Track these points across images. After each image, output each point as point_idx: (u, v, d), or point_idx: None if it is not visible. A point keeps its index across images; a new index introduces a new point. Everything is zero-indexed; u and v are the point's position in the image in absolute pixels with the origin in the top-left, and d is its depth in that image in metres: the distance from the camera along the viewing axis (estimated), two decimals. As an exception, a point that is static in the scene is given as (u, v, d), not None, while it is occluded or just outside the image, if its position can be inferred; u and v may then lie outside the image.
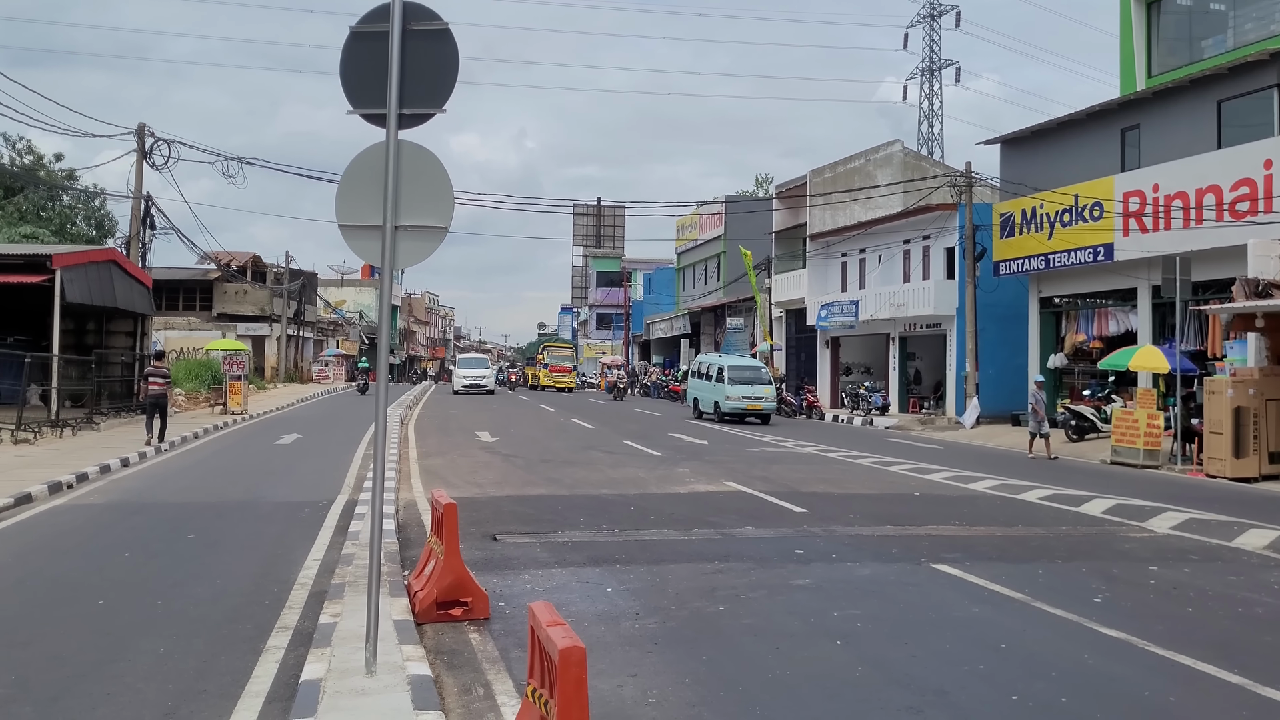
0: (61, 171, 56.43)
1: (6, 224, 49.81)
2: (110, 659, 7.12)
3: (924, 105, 78.55)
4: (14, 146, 55.11)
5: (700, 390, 36.89)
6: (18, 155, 54.79)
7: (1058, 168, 30.65)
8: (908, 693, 6.63)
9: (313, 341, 74.47)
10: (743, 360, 38.23)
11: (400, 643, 7.14)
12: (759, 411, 34.09)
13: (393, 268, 6.69)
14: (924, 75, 79.12)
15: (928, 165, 45.84)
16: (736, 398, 33.94)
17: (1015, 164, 33.20)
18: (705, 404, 36.10)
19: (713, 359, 37.59)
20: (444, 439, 25.25)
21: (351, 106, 6.75)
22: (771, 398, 34.75)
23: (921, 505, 15.28)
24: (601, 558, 10.80)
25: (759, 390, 34.29)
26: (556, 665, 4.34)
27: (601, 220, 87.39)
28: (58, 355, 24.95)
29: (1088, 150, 29.98)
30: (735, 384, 34.20)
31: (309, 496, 14.96)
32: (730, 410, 33.94)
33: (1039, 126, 32.39)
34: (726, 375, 34.46)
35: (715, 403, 34.83)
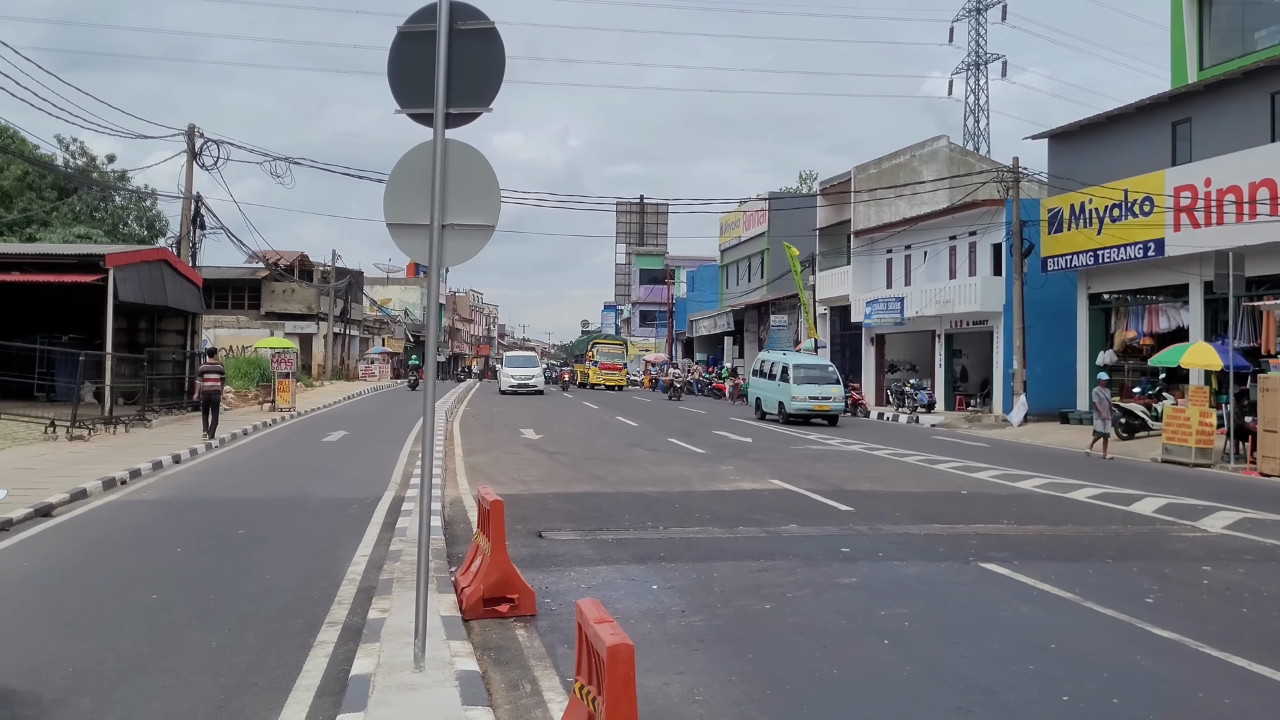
0: (114, 173, 57.36)
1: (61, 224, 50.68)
2: (164, 652, 7.23)
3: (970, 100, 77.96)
4: (68, 148, 56.07)
5: (763, 390, 34.95)
6: (71, 157, 55.74)
7: (1107, 162, 30.25)
8: (956, 693, 6.57)
9: (359, 339, 75.14)
10: (809, 358, 35.82)
11: (448, 638, 7.19)
12: (826, 413, 32.14)
13: (440, 266, 6.73)
14: (970, 70, 78.48)
15: (974, 161, 45.37)
16: (803, 398, 31.95)
17: (1063, 159, 32.80)
18: (769, 404, 34.13)
19: (777, 356, 35.39)
20: (489, 436, 25.38)
21: (399, 106, 6.80)
22: (840, 397, 32.68)
23: (969, 504, 15.15)
24: (647, 555, 10.81)
25: (827, 390, 32.26)
26: (605, 662, 4.35)
27: (645, 218, 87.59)
28: (111, 353, 25.36)
29: (1138, 144, 29.57)
30: (802, 383, 32.21)
31: (356, 493, 15.10)
32: (796, 411, 32.00)
33: (1087, 120, 31.98)
34: (792, 374, 32.43)
35: (780, 403, 32.90)
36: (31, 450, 19.06)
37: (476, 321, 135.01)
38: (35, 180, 52.99)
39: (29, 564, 10.12)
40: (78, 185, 53.41)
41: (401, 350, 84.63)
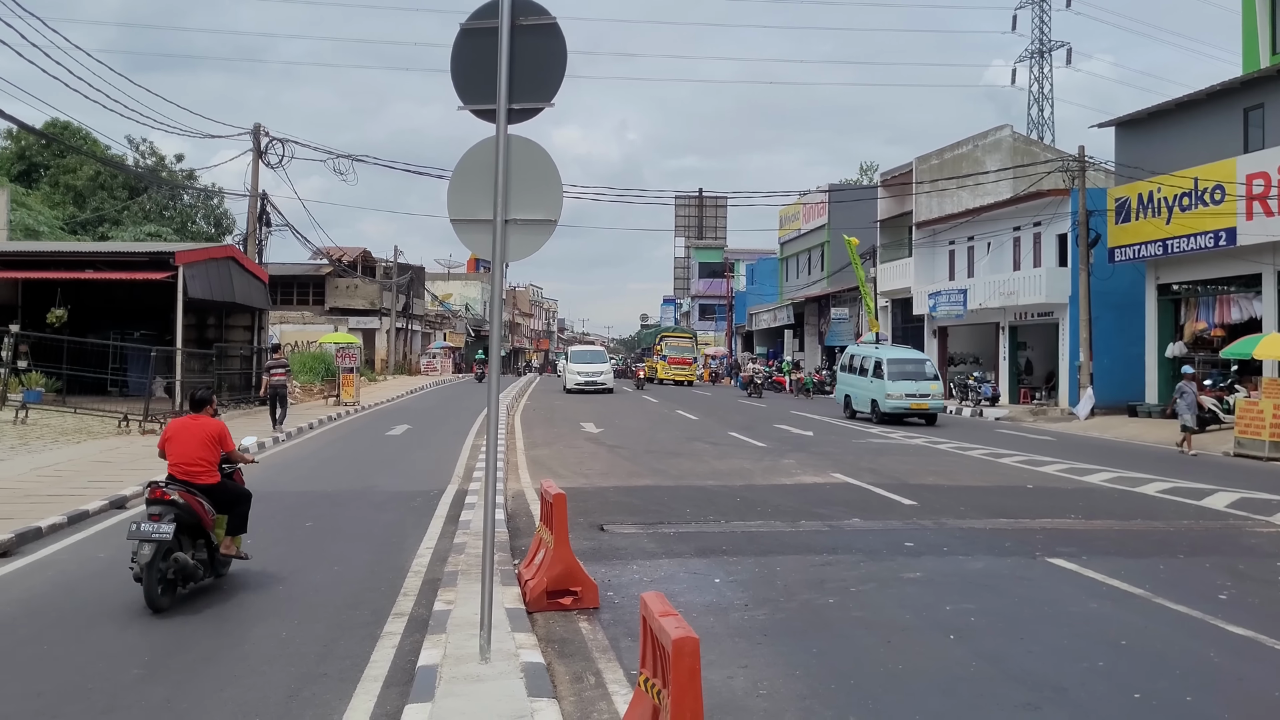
0: (182, 172, 58.48)
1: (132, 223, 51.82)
2: (235, 642, 7.38)
3: (1033, 88, 76.66)
4: (138, 148, 57.25)
5: (854, 387, 32.25)
6: (141, 157, 56.90)
7: (1176, 150, 29.62)
8: (1024, 689, 6.49)
9: (420, 334, 75.87)
10: (904, 352, 32.67)
11: (513, 630, 7.25)
12: (924, 412, 29.60)
13: (503, 261, 6.77)
14: (1033, 57, 77.19)
15: (1038, 150, 44.70)
16: (898, 395, 29.38)
17: (1131, 147, 32.18)
18: (860, 402, 31.52)
19: (868, 351, 32.72)
20: (550, 430, 25.51)
21: (462, 102, 6.86)
22: (939, 395, 30.04)
23: (1035, 498, 14.94)
24: (709, 549, 10.80)
25: (924, 387, 29.63)
26: (670, 655, 4.35)
27: (703, 211, 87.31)
28: (181, 349, 25.87)
29: (1208, 131, 28.91)
30: (897, 380, 29.63)
31: (420, 486, 15.26)
32: (891, 410, 29.40)
33: (1156, 108, 31.35)
34: (886, 369, 29.78)
35: (872, 401, 30.40)
36: (106, 444, 19.51)
37: (536, 316, 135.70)
38: (107, 180, 54.27)
39: (105, 555, 10.36)
40: (148, 184, 54.56)
41: (463, 345, 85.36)
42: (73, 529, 11.58)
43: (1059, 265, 35.31)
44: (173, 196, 58.15)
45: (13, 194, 36.27)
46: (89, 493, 13.45)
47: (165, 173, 57.34)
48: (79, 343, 25.49)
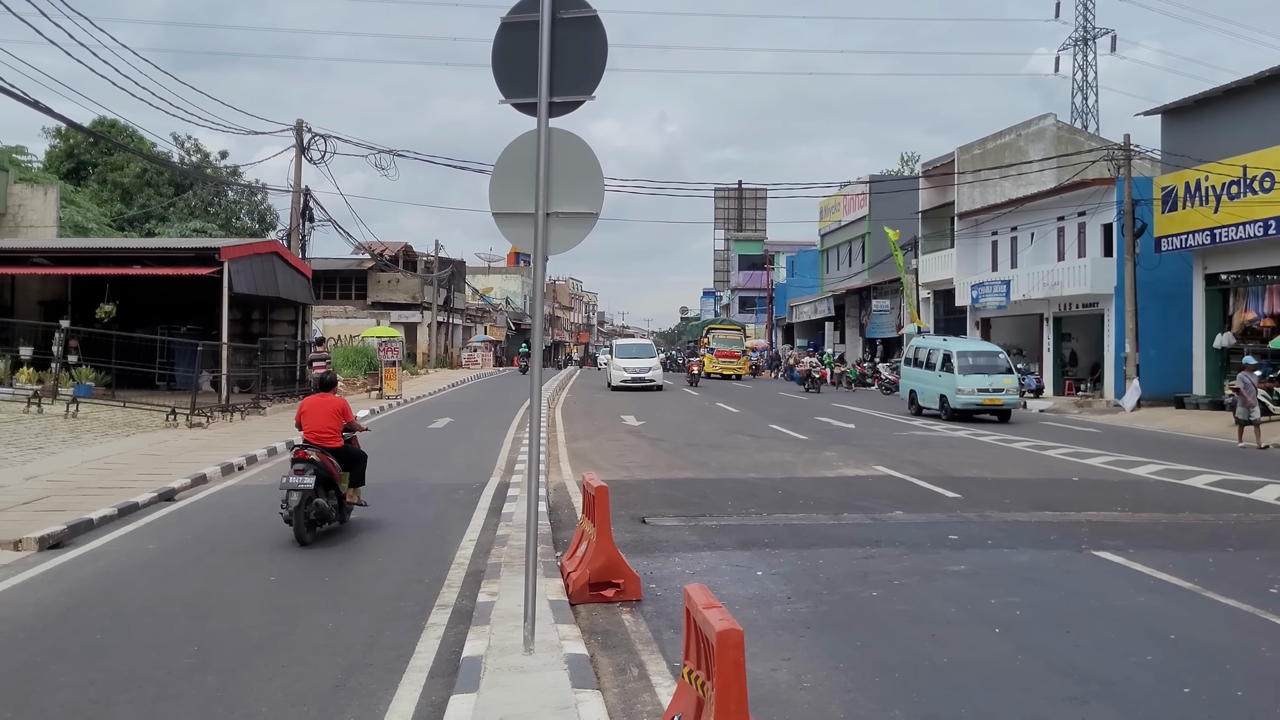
0: (226, 168, 59.09)
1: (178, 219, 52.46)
2: (283, 632, 7.46)
3: (1077, 77, 75.74)
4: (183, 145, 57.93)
5: (920, 381, 30.25)
6: (186, 154, 57.56)
7: (1224, 137, 29.14)
8: (1071, 683, 6.43)
9: (461, 328, 76.31)
10: (976, 344, 31.29)
11: (556, 622, 7.28)
12: (998, 408, 27.61)
13: (545, 254, 6.79)
14: (1077, 45, 76.21)
15: (1082, 139, 44.13)
16: (970, 390, 27.42)
17: (1177, 135, 31.69)
18: (927, 398, 29.51)
19: (935, 343, 30.92)
20: (590, 423, 25.57)
21: (503, 96, 6.88)
22: (1014, 389, 28.08)
23: (1080, 490, 14.78)
24: (750, 541, 10.79)
25: (998, 381, 27.63)
26: (714, 648, 4.35)
27: (743, 203, 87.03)
28: (227, 343, 26.18)
29: (1257, 118, 28.40)
30: (968, 373, 27.71)
31: (463, 479, 15.36)
32: (963, 406, 27.49)
33: (1203, 95, 30.84)
34: (956, 362, 27.82)
35: (941, 397, 28.40)
36: (154, 437, 19.79)
37: (576, 309, 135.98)
38: (153, 177, 54.98)
39: (155, 546, 10.53)
40: (193, 181, 55.21)
41: (504, 338, 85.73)
42: (123, 520, 11.76)
43: (1104, 255, 34.86)
44: (217, 193, 58.82)
45: (62, 192, 36.85)
46: (138, 485, 13.66)
47: (210, 169, 58.02)
48: (127, 337, 25.86)
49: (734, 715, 4.31)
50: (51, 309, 29.84)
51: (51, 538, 10.34)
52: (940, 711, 5.90)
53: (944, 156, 46.34)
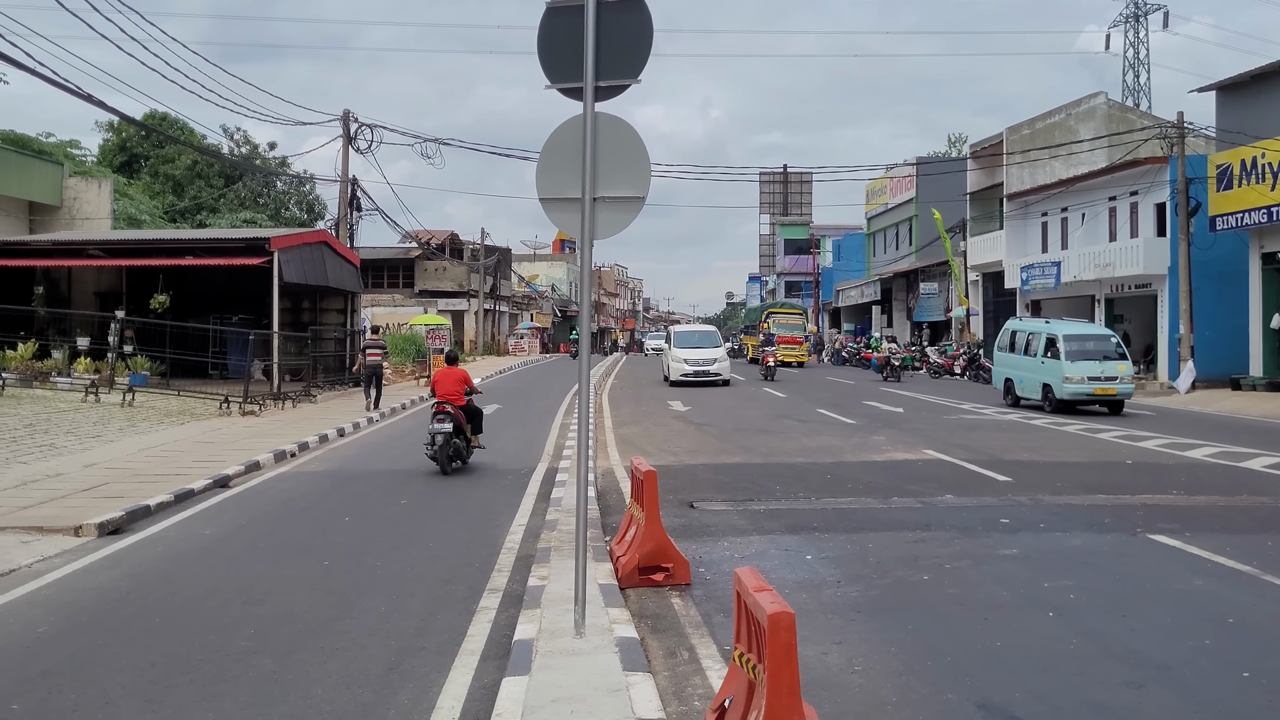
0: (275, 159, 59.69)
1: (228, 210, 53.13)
2: (337, 616, 7.55)
3: (1128, 54, 74.44)
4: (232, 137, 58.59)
5: (1019, 369, 26.94)
6: (236, 146, 58.22)
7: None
8: (1127, 667, 6.36)
9: (508, 315, 76.67)
10: (1084, 326, 27.82)
11: (606, 606, 7.31)
12: (1110, 398, 24.42)
13: (592, 239, 6.79)
14: (1128, 22, 74.90)
15: (1134, 117, 43.37)
16: (1079, 379, 24.20)
17: (1233, 111, 31.06)
18: (1027, 387, 26.36)
19: (1036, 326, 27.45)
20: (637, 408, 25.60)
21: (549, 81, 6.88)
22: (1128, 377, 24.76)
23: (1134, 474, 14.58)
24: (799, 525, 10.76)
25: (1110, 368, 24.42)
26: (766, 630, 4.35)
27: (788, 187, 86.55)
28: (278, 332, 26.50)
29: (1317, 92, 27.76)
30: (1077, 360, 24.47)
31: (511, 464, 15.45)
32: (1071, 396, 24.34)
33: (1260, 70, 30.20)
34: (1063, 347, 24.67)
35: (1045, 386, 25.30)
36: (208, 425, 20.09)
37: (621, 296, 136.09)
38: (204, 169, 55.70)
39: (210, 532, 10.70)
40: (242, 172, 55.86)
41: (550, 325, 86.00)
42: (179, 507, 11.96)
43: (1157, 235, 34.28)
44: (266, 184, 59.49)
45: (115, 185, 37.44)
46: (194, 472, 13.88)
47: (259, 160, 58.65)
48: (181, 327, 26.23)
49: (786, 698, 4.31)
50: (107, 300, 30.37)
51: (111, 524, 10.54)
52: (993, 695, 5.86)
53: (992, 137, 45.77)
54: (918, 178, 56.66)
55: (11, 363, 24.29)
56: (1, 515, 10.81)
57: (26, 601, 8.02)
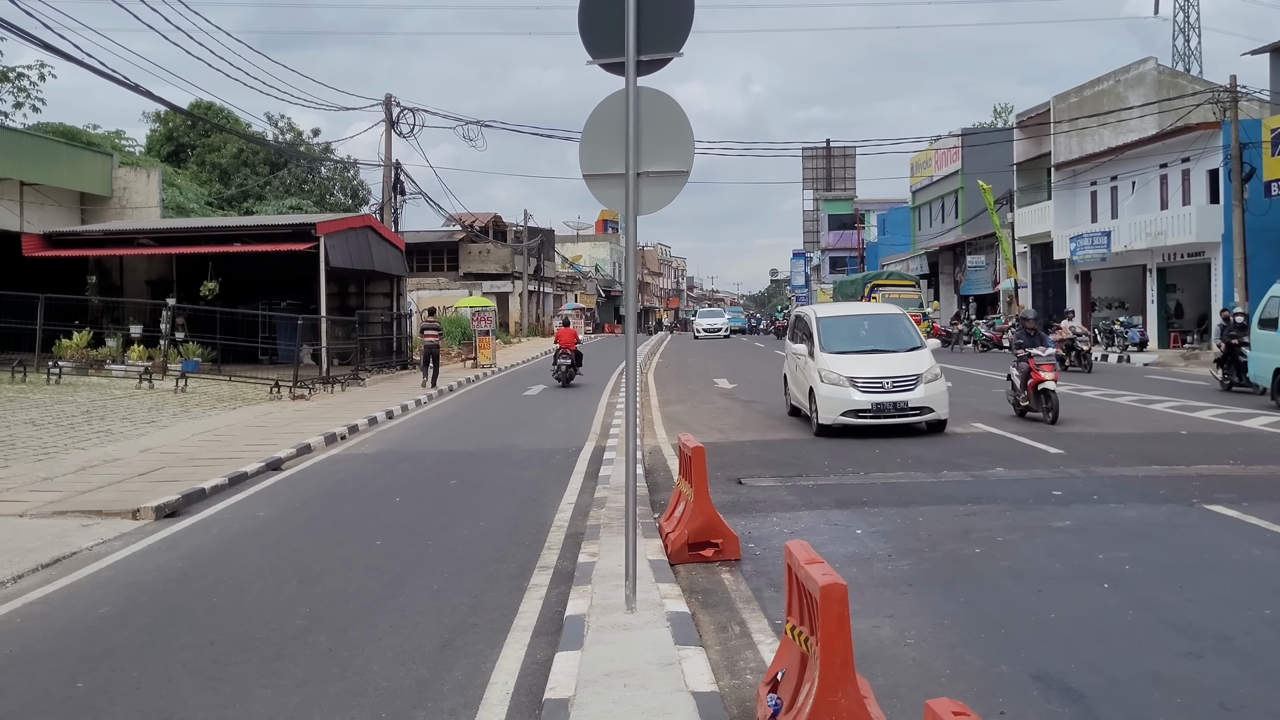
0: (319, 145, 60.14)
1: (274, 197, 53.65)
2: (390, 594, 7.64)
3: (1178, 18, 72.80)
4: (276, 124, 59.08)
5: None
6: (280, 133, 58.71)
7: (1340, 74, 27.83)
8: (1185, 638, 6.27)
9: (552, 296, 76.85)
10: None
11: (656, 581, 7.32)
12: None
13: (636, 214, 6.77)
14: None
15: (1185, 82, 42.51)
16: None
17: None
18: None
19: None
20: (683, 387, 25.58)
21: (590, 57, 6.84)
22: None
23: (1189, 444, 14.35)
24: (848, 500, 10.71)
25: None
26: (818, 602, 4.34)
27: (831, 162, 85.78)
28: (325, 317, 26.77)
29: (1376, 52, 27.06)
30: None
31: (559, 444, 15.51)
32: None
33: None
34: None
35: None
36: (259, 409, 20.35)
37: (665, 275, 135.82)
38: (249, 157, 56.26)
39: (264, 513, 10.85)
40: (287, 159, 56.35)
41: (594, 306, 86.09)
42: (233, 489, 12.13)
43: (1210, 202, 33.67)
44: (311, 170, 59.99)
45: (163, 174, 37.92)
46: (246, 455, 14.07)
47: (303, 147, 59.13)
48: (230, 313, 26.58)
49: (839, 669, 4.29)
50: (158, 288, 30.83)
51: (167, 506, 10.72)
52: (1049, 667, 5.80)
53: (1039, 106, 45.12)
54: (963, 149, 55.96)
55: (67, 351, 24.73)
56: (61, 500, 11.03)
57: (88, 583, 8.18)
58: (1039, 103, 45.42)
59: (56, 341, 24.94)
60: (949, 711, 3.00)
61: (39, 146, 30.42)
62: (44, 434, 15.84)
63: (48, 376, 22.50)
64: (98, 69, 18.42)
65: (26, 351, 23.81)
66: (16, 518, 10.28)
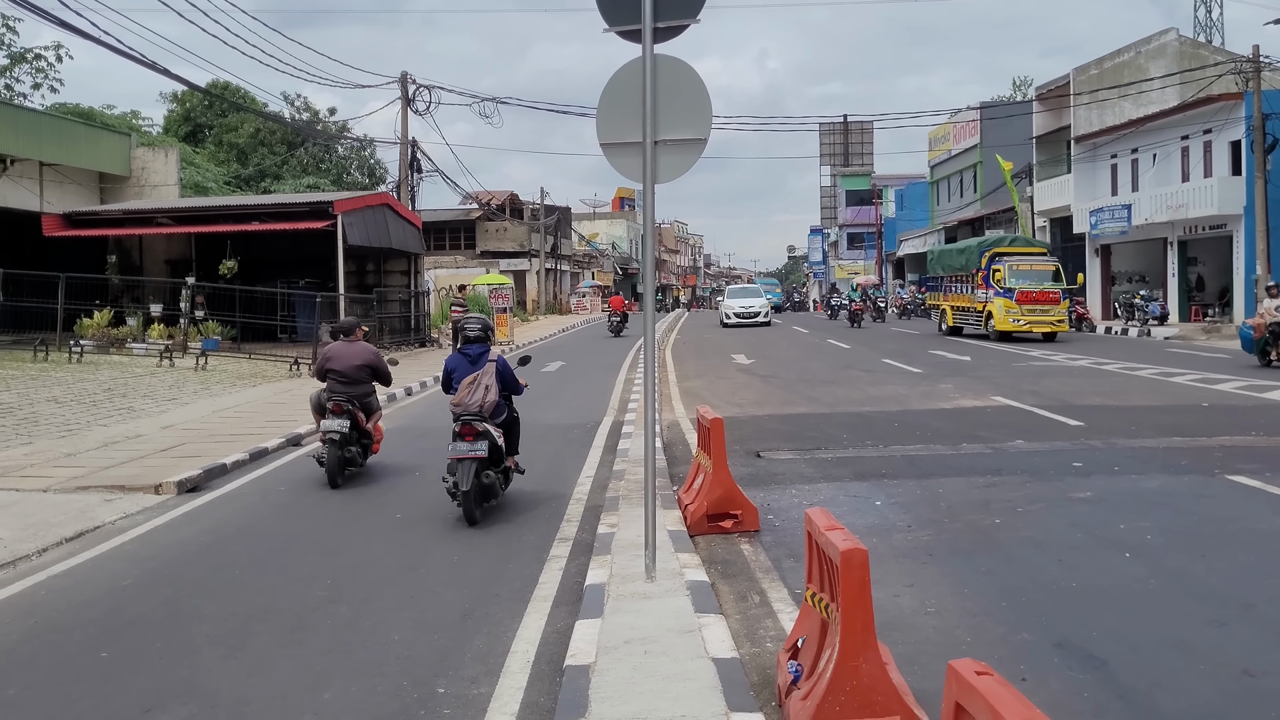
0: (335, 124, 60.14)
1: (291, 176, 53.70)
2: (410, 565, 7.67)
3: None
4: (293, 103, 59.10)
5: None
6: (297, 112, 58.72)
7: (1366, 42, 27.43)
8: (1208, 606, 6.24)
9: (569, 274, 76.80)
10: None
11: (676, 551, 7.33)
12: None
13: (654, 182, 6.74)
14: (1200, -46, 72.28)
15: (1206, 53, 41.99)
16: None
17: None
18: None
19: None
20: (701, 362, 25.56)
21: (607, 25, 6.79)
22: None
23: (1211, 416, 14.24)
24: (867, 472, 10.69)
25: None
26: (839, 568, 4.33)
27: (849, 137, 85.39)
28: (344, 294, 26.81)
29: (1403, 19, 26.64)
30: None
31: (577, 419, 15.52)
32: None
33: (1342, -3, 29.04)
34: None
35: None
36: (279, 386, 20.43)
37: (682, 252, 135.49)
38: (266, 136, 56.32)
39: (285, 488, 10.90)
40: (304, 138, 56.38)
41: (611, 283, 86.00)
42: (254, 465, 12.19)
43: (1232, 174, 33.33)
44: (328, 149, 59.98)
45: (182, 153, 38.01)
46: (267, 431, 14.13)
47: (320, 126, 59.15)
48: (249, 292, 26.65)
49: (860, 634, 4.29)
50: (177, 267, 30.91)
51: (189, 481, 10.78)
52: (1071, 634, 5.78)
53: (1059, 79, 44.66)
54: (982, 123, 55.48)
55: (89, 330, 24.86)
56: (85, 475, 11.11)
57: (112, 556, 8.24)
58: (1059, 75, 44.98)
59: (78, 320, 25.06)
60: (972, 671, 2.99)
61: (58, 127, 30.50)
62: (67, 411, 15.94)
63: (69, 355, 22.63)
64: (116, 47, 18.45)
65: (48, 330, 23.95)
66: (41, 493, 10.36)
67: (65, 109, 43.24)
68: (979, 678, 2.93)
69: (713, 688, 4.87)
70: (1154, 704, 4.89)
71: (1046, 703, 4.60)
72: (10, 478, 11.04)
